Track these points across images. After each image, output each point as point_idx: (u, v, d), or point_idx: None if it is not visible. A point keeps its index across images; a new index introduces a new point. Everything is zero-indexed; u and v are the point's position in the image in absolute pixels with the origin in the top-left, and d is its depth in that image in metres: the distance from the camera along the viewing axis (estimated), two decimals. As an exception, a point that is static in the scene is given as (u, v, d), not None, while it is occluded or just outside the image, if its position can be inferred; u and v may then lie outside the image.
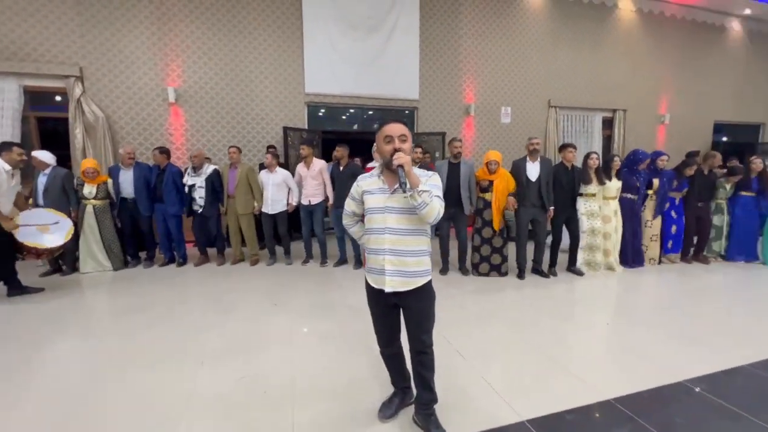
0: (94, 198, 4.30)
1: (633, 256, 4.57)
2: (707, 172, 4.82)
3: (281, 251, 4.86)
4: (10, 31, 4.99)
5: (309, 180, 4.52)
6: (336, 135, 7.22)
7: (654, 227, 4.66)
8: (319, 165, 4.54)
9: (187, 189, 4.51)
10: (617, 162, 4.33)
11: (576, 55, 7.65)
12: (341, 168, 4.44)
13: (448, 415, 1.79)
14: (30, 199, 4.21)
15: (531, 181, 4.04)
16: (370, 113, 7.19)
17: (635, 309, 3.41)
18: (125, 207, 4.52)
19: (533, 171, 4.04)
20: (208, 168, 4.56)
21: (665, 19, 8.19)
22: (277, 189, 4.57)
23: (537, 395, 2.04)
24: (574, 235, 4.28)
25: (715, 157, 4.99)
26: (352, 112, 7.14)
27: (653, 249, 4.71)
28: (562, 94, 7.62)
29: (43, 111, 5.53)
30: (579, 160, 4.33)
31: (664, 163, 4.61)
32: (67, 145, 5.29)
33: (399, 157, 1.46)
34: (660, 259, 4.78)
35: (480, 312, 3.27)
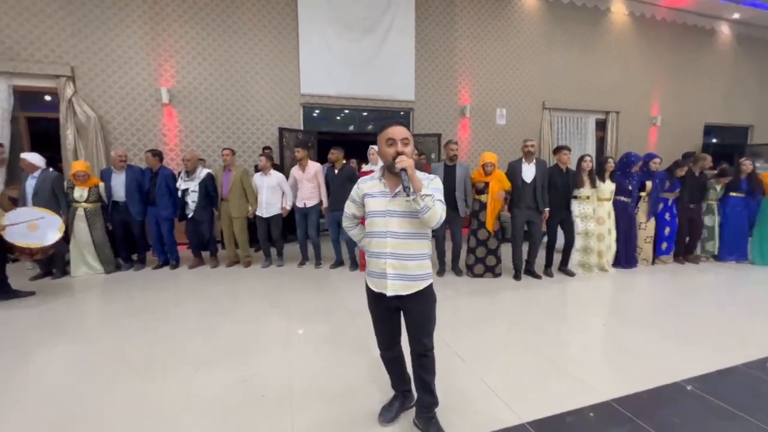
0: (85, 201, 4.23)
1: (626, 258, 4.62)
2: (698, 173, 4.90)
3: (275, 253, 4.83)
4: (-1, 30, 4.91)
5: (304, 183, 4.49)
6: (331, 136, 7.22)
7: (648, 229, 4.71)
8: (315, 168, 4.51)
9: (180, 193, 4.46)
10: (611, 164, 4.38)
11: (570, 58, 7.72)
12: (336, 171, 4.43)
13: (448, 418, 1.78)
14: (19, 203, 4.12)
15: (526, 183, 4.06)
16: (365, 114, 7.19)
17: (630, 309, 3.45)
18: (117, 210, 4.45)
19: (528, 173, 4.07)
20: (201, 172, 4.51)
21: (657, 23, 8.31)
22: (272, 192, 4.54)
23: (536, 396, 2.05)
24: (568, 237, 4.32)
25: (705, 160, 5.08)
26: (347, 113, 7.14)
27: (647, 251, 4.76)
28: (556, 95, 7.68)
29: (34, 111, 5.43)
30: (573, 162, 4.37)
31: (656, 166, 4.68)
32: (58, 147, 5.21)
33: (402, 161, 1.45)
34: (653, 261, 4.84)
35: (476, 313, 3.28)
